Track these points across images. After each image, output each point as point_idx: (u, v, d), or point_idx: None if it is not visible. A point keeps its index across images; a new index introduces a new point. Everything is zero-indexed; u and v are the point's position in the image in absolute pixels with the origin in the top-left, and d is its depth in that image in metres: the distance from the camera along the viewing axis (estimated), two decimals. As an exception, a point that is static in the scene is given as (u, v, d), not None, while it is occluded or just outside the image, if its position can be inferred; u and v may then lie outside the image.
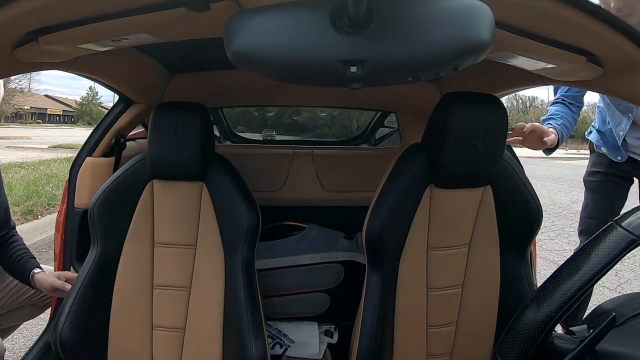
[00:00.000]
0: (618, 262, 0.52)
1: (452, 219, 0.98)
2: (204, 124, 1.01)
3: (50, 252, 2.94)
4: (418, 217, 0.96)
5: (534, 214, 0.99)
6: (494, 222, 0.99)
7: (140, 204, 1.02)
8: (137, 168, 1.03)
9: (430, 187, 0.96)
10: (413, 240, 0.97)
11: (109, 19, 0.61)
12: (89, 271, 0.98)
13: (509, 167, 0.99)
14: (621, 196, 1.67)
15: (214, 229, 1.03)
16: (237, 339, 0.97)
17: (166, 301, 1.02)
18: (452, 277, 1.00)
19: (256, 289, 1.02)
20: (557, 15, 0.57)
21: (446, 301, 1.00)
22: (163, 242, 1.03)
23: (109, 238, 1.00)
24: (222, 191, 1.04)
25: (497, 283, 1.00)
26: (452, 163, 0.90)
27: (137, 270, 1.01)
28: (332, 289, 1.44)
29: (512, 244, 1.00)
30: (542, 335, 0.51)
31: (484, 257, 1.00)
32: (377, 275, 0.97)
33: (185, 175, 1.02)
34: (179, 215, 1.03)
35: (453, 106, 0.88)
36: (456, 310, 1.01)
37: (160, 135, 0.98)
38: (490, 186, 0.98)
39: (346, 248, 1.45)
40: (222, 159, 1.08)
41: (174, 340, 1.01)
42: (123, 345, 1.00)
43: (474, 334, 1.01)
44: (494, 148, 0.90)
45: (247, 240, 1.02)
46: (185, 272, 1.02)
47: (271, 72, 0.51)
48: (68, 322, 0.93)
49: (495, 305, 1.00)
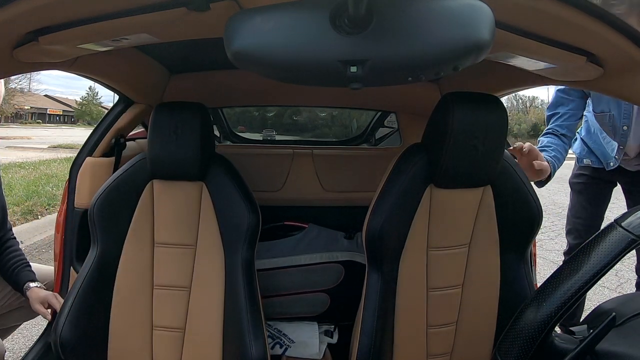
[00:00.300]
0: (618, 262, 0.52)
1: (452, 219, 0.98)
2: (204, 124, 1.01)
3: (50, 252, 2.95)
4: (418, 217, 0.96)
5: (534, 214, 0.98)
6: (494, 222, 0.99)
7: (140, 203, 1.02)
8: (137, 168, 1.03)
9: (430, 187, 0.96)
10: (413, 240, 0.96)
11: (109, 19, 0.61)
12: (89, 271, 0.97)
13: (509, 167, 0.98)
14: (605, 197, 1.72)
15: (214, 228, 1.03)
16: (237, 339, 0.97)
17: (166, 301, 1.02)
18: (452, 277, 0.99)
19: (256, 289, 1.02)
20: (557, 15, 0.57)
21: (446, 301, 1.00)
22: (163, 242, 1.03)
23: (109, 238, 1.00)
24: (223, 191, 1.04)
25: (497, 283, 0.99)
26: (452, 163, 0.90)
27: (137, 270, 1.01)
28: (332, 289, 1.44)
29: (512, 244, 1.00)
30: (542, 335, 0.51)
31: (484, 257, 0.99)
32: (377, 275, 0.97)
33: (186, 175, 1.02)
34: (179, 215, 1.03)
35: (453, 106, 0.88)
36: (456, 310, 1.00)
37: (160, 135, 0.98)
38: (490, 186, 0.97)
39: (346, 248, 1.45)
40: (222, 159, 1.08)
41: (174, 340, 1.01)
42: (123, 345, 1.00)
43: (474, 334, 1.01)
44: (494, 148, 0.90)
45: (247, 240, 1.02)
46: (186, 272, 1.02)
47: (271, 72, 0.51)
48: (68, 322, 0.93)
49: (495, 305, 1.00)
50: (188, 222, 1.03)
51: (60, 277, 1.18)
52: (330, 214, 1.57)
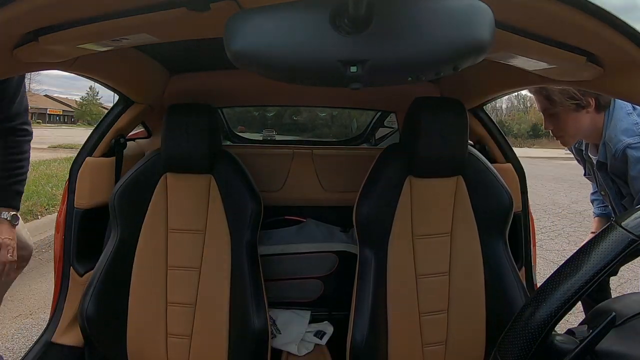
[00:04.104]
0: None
1: (432, 208, 1.10)
2: (212, 123, 1.13)
3: (50, 252, 2.95)
4: (401, 205, 1.09)
5: (504, 199, 1.10)
6: (469, 210, 1.11)
7: (155, 194, 1.14)
8: (152, 163, 1.15)
9: (409, 177, 1.10)
10: (398, 227, 1.08)
11: (109, 19, 0.61)
12: (110, 254, 1.09)
13: (476, 159, 1.13)
14: None
15: (221, 216, 1.14)
16: (242, 312, 1.09)
17: (179, 280, 1.13)
18: (438, 264, 1.10)
19: (258, 268, 1.13)
20: (557, 15, 0.57)
21: (435, 288, 1.08)
22: (176, 228, 1.14)
23: (127, 225, 1.11)
24: (229, 183, 1.15)
25: (480, 269, 1.09)
26: (426, 154, 1.06)
27: (153, 253, 1.12)
28: (325, 276, 1.50)
29: (490, 230, 1.10)
30: (542, 335, 0.51)
31: (465, 245, 1.10)
32: (368, 258, 1.07)
33: (196, 168, 1.14)
34: (190, 204, 1.14)
35: (420, 109, 1.06)
36: (446, 298, 1.09)
37: (173, 133, 1.10)
38: (461, 177, 1.11)
39: (341, 240, 1.50)
40: (228, 155, 1.19)
41: (186, 314, 1.12)
42: (141, 319, 1.10)
43: (466, 321, 1.08)
44: (458, 141, 1.06)
45: (251, 226, 1.14)
46: (196, 254, 1.14)
47: (271, 72, 0.51)
48: (92, 300, 1.04)
49: (482, 290, 1.08)
50: (198, 210, 1.15)
51: (61, 277, 1.18)
52: (330, 214, 1.58)
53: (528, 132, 39.41)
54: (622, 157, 1.24)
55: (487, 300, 1.08)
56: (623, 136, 1.23)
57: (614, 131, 1.25)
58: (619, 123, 1.25)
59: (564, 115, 1.27)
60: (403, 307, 1.07)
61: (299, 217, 1.58)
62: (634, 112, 1.25)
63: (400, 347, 1.06)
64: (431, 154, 1.06)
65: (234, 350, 1.10)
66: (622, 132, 1.23)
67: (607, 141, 1.27)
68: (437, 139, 1.04)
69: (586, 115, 1.27)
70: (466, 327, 1.08)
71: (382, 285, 1.06)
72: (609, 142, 1.26)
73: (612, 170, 1.30)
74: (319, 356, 1.37)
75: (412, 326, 1.07)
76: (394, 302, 1.06)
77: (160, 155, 1.13)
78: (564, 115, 1.27)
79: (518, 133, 39.43)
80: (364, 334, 1.01)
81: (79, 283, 1.16)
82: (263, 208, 1.18)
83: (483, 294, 1.08)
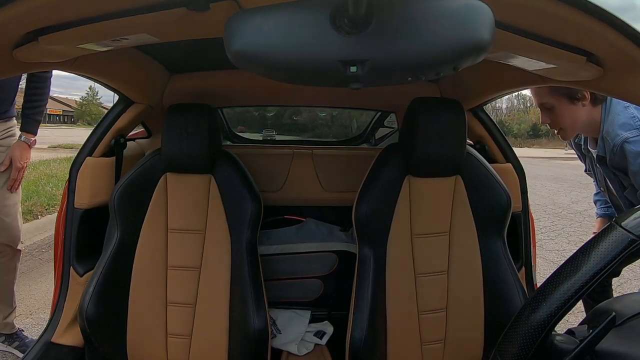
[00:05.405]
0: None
1: (431, 208, 1.11)
2: (212, 123, 1.13)
3: (50, 252, 2.95)
4: (400, 204, 1.09)
5: (503, 199, 1.11)
6: (468, 210, 1.11)
7: (155, 194, 1.14)
8: (152, 163, 1.15)
9: (408, 177, 1.11)
10: (397, 226, 1.09)
11: (109, 19, 0.61)
12: (110, 254, 1.08)
13: (474, 159, 1.13)
14: None
15: (221, 215, 1.14)
16: (241, 311, 1.09)
17: (179, 280, 1.13)
18: (436, 263, 1.10)
19: (258, 267, 1.13)
20: (557, 15, 0.57)
21: (434, 287, 1.09)
22: (176, 228, 1.14)
23: (128, 225, 1.11)
24: (228, 182, 1.15)
25: (479, 268, 1.09)
26: (424, 154, 1.06)
27: (153, 253, 1.12)
28: (325, 276, 1.50)
29: (488, 230, 1.11)
30: (542, 335, 0.51)
31: (464, 244, 1.11)
32: (368, 256, 1.08)
33: (196, 168, 1.14)
34: (190, 204, 1.14)
35: (418, 110, 1.06)
36: (444, 296, 1.09)
37: (173, 133, 1.10)
38: (460, 176, 1.12)
39: (341, 239, 1.50)
40: (228, 155, 1.19)
41: (185, 314, 1.12)
42: (141, 319, 1.10)
43: (464, 319, 1.08)
44: (456, 141, 1.06)
45: (250, 225, 1.14)
46: (196, 254, 1.13)
47: (271, 72, 0.51)
48: (92, 299, 1.04)
49: (481, 290, 1.09)
50: (198, 210, 1.14)
51: (61, 277, 1.18)
52: (330, 214, 1.58)
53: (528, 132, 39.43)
54: (620, 152, 1.24)
55: (486, 298, 1.09)
56: (621, 130, 1.23)
57: (611, 125, 1.25)
58: (617, 117, 1.24)
59: (559, 109, 1.28)
60: (402, 305, 1.07)
61: (299, 217, 1.59)
62: (631, 106, 1.25)
63: (399, 345, 1.06)
64: (429, 154, 1.07)
65: (233, 350, 1.10)
66: (619, 126, 1.23)
67: (605, 135, 1.27)
68: (436, 139, 1.05)
69: (582, 109, 1.27)
70: (464, 326, 1.09)
71: (381, 284, 1.06)
72: (607, 137, 1.26)
73: (612, 163, 1.31)
74: (319, 356, 1.37)
75: (410, 325, 1.07)
76: (393, 301, 1.07)
77: (160, 155, 1.14)
78: (560, 109, 1.28)
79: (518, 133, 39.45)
80: (363, 333, 1.02)
81: (79, 283, 1.15)
82: (263, 208, 1.18)
83: (481, 292, 1.09)
